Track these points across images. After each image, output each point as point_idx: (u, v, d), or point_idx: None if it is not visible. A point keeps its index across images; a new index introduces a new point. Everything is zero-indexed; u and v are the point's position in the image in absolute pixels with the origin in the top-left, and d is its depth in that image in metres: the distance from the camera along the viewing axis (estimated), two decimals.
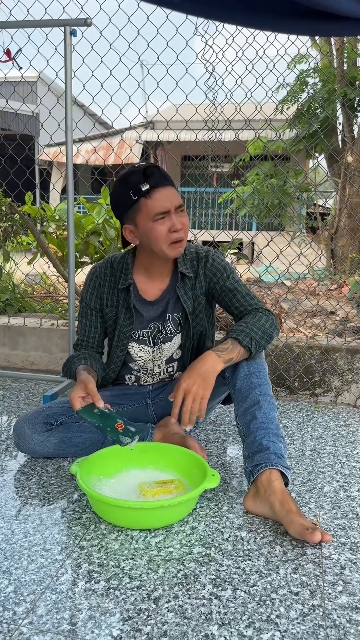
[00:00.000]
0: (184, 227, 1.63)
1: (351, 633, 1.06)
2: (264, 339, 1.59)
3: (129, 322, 1.77)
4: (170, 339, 1.80)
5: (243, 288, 1.74)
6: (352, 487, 1.66)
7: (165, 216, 1.60)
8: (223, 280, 1.74)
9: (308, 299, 3.64)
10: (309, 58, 5.72)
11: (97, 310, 1.81)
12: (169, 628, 1.06)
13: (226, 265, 1.77)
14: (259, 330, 1.59)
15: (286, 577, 1.22)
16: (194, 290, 1.76)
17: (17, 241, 3.70)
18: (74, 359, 1.78)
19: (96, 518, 1.45)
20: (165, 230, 1.61)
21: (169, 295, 1.77)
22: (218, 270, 1.75)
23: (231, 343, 1.56)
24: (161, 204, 1.58)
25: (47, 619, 1.08)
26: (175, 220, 1.60)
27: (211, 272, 1.75)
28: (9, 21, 2.38)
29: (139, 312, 1.78)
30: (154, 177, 1.58)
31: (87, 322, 1.83)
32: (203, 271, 1.75)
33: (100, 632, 1.05)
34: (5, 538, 1.36)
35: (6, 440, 1.98)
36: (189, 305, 1.75)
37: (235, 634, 1.05)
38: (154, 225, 1.60)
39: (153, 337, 1.80)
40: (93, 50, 2.53)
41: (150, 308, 1.78)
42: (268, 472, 1.45)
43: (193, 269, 1.76)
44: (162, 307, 1.78)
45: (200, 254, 1.77)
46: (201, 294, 1.77)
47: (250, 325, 1.60)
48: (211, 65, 2.45)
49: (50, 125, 2.72)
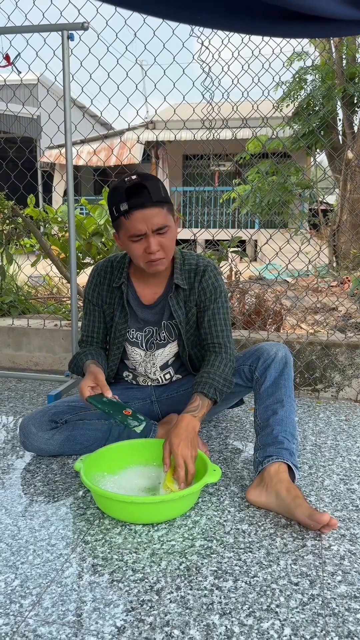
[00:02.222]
0: (162, 249, 1.61)
1: (350, 621, 1.09)
2: (225, 385, 1.69)
3: (123, 321, 1.81)
4: (164, 345, 1.82)
5: (221, 319, 1.77)
6: (352, 480, 1.69)
7: (141, 237, 1.59)
8: (209, 302, 1.76)
9: (308, 296, 3.65)
10: (305, 56, 5.73)
11: (99, 307, 1.85)
12: (171, 618, 1.09)
13: (218, 287, 1.77)
14: (220, 378, 1.68)
15: (286, 568, 1.25)
16: (187, 302, 1.77)
17: (20, 244, 3.74)
18: (80, 356, 1.82)
19: (100, 513, 1.48)
20: (140, 250, 1.61)
21: (164, 303, 1.79)
22: (209, 290, 1.76)
23: (199, 399, 1.63)
24: (136, 227, 1.56)
25: (53, 610, 1.11)
26: (151, 242, 1.58)
27: (203, 288, 1.76)
28: (7, 27, 2.41)
29: (135, 313, 1.81)
30: (137, 197, 1.54)
31: (90, 318, 1.87)
32: (198, 284, 1.76)
33: (105, 622, 1.08)
34: (12, 534, 1.39)
35: (12, 439, 2.01)
36: (180, 315, 1.77)
37: (236, 623, 1.08)
38: (131, 244, 1.61)
39: (147, 341, 1.82)
40: (91, 53, 2.56)
41: (145, 311, 1.80)
42: (277, 465, 1.50)
43: (189, 280, 1.77)
44: (158, 313, 1.80)
45: (199, 267, 1.77)
46: (194, 306, 1.78)
47: (212, 375, 1.67)
48: (207, 65, 2.47)
49: (51, 127, 2.75)
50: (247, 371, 1.76)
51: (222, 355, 1.74)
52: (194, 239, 2.99)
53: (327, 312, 3.41)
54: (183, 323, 1.78)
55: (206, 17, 1.05)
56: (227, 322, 1.78)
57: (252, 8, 0.99)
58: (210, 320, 1.76)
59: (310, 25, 1.06)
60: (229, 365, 1.73)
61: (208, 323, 1.76)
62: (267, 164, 6.59)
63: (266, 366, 1.70)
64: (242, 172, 8.05)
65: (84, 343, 1.89)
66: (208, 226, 10.19)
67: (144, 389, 1.93)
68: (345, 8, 0.94)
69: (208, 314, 1.76)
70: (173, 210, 1.65)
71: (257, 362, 1.73)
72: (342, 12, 0.94)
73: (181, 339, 1.80)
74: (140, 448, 1.69)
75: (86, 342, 1.88)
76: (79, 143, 9.19)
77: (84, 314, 1.89)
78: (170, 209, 1.62)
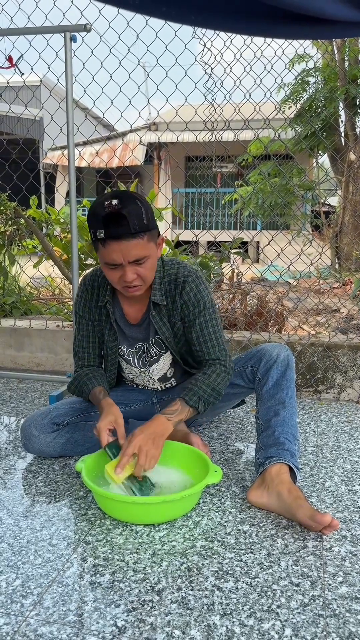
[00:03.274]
0: (138, 277, 1.54)
1: (350, 622, 1.09)
2: (213, 396, 1.65)
3: (113, 339, 1.77)
4: (156, 360, 1.80)
5: (210, 333, 1.70)
6: (353, 482, 1.68)
7: (117, 266, 1.52)
8: (194, 316, 1.68)
9: (310, 297, 3.65)
10: (307, 58, 5.73)
11: (90, 321, 1.79)
12: (172, 618, 1.09)
13: (201, 298, 1.67)
14: (208, 387, 1.64)
15: (287, 569, 1.25)
16: (170, 317, 1.71)
17: (23, 245, 3.74)
18: (83, 379, 1.77)
19: (101, 514, 1.48)
20: (116, 276, 1.54)
21: (148, 320, 1.73)
22: (191, 304, 1.67)
23: (180, 404, 1.60)
24: (111, 257, 1.49)
25: (54, 610, 1.12)
26: (127, 271, 1.51)
27: (185, 302, 1.67)
28: (10, 28, 2.41)
29: (122, 331, 1.77)
30: (114, 227, 1.44)
31: (83, 333, 1.81)
32: (179, 298, 1.67)
33: (106, 622, 1.08)
34: (13, 534, 1.39)
35: (14, 440, 2.02)
36: (165, 332, 1.72)
37: (236, 623, 1.08)
38: (107, 270, 1.55)
39: (139, 358, 1.80)
40: (93, 55, 2.57)
41: (132, 328, 1.77)
42: (279, 466, 1.50)
43: (170, 293, 1.68)
44: (144, 330, 1.76)
45: (179, 280, 1.67)
46: (179, 321, 1.71)
47: (200, 384, 1.64)
48: (210, 67, 2.48)
49: (53, 129, 2.76)
50: (249, 372, 1.76)
51: (215, 366, 1.70)
52: (196, 241, 2.99)
53: (329, 313, 3.41)
54: (170, 339, 1.73)
55: (208, 19, 1.05)
56: (217, 334, 1.71)
57: (254, 9, 0.99)
58: (199, 337, 1.69)
59: (312, 27, 1.06)
60: (222, 376, 1.68)
61: (197, 340, 1.70)
62: (269, 165, 6.60)
63: (268, 367, 1.69)
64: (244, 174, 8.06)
65: (80, 360, 1.83)
66: (210, 227, 10.21)
67: (145, 392, 1.93)
68: (347, 10, 0.94)
69: (195, 330, 1.69)
70: (156, 234, 1.56)
71: (259, 363, 1.72)
72: (345, 14, 0.94)
73: (172, 351, 1.77)
74: None
75: (82, 359, 1.83)
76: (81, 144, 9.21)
77: (75, 328, 1.83)
78: (152, 236, 1.53)
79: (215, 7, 0.99)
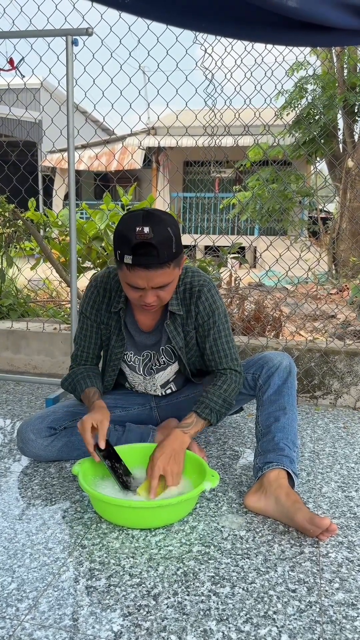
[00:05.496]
0: (158, 299, 1.55)
1: (347, 629, 1.08)
2: (224, 407, 1.66)
3: (120, 344, 1.77)
4: (164, 368, 1.80)
5: (223, 343, 1.72)
6: (350, 488, 1.68)
7: (138, 289, 1.52)
8: (208, 327, 1.70)
9: (307, 302, 3.66)
10: (307, 65, 5.77)
11: (96, 323, 1.79)
12: (168, 623, 1.08)
13: (216, 308, 1.70)
14: (220, 399, 1.65)
15: (284, 575, 1.24)
16: (185, 326, 1.72)
17: (20, 247, 3.74)
18: (77, 377, 1.77)
19: (97, 518, 1.48)
20: (136, 296, 1.55)
21: (161, 328, 1.74)
22: (206, 314, 1.69)
23: (195, 417, 1.63)
24: (135, 282, 1.49)
25: (49, 614, 1.11)
26: (148, 295, 1.52)
27: (200, 312, 1.69)
28: (12, 31, 2.42)
29: (132, 337, 1.77)
30: (144, 256, 1.44)
31: (86, 334, 1.81)
32: (194, 307, 1.69)
33: (101, 627, 1.07)
34: (9, 537, 1.39)
35: (9, 443, 2.01)
36: (179, 341, 1.73)
37: (233, 629, 1.07)
38: (127, 288, 1.55)
39: (144, 366, 1.79)
40: (95, 59, 2.58)
41: (143, 336, 1.77)
42: (277, 471, 1.50)
43: (185, 302, 1.70)
44: (156, 338, 1.76)
45: (194, 289, 1.68)
46: (192, 329, 1.73)
47: (211, 396, 1.65)
48: (210, 72, 2.49)
49: (53, 131, 2.76)
50: (251, 379, 1.76)
51: (227, 376, 1.71)
52: (194, 245, 3.00)
53: (326, 319, 3.41)
54: (183, 348, 1.74)
55: (210, 24, 1.06)
56: (229, 343, 1.73)
57: (256, 16, 1.00)
58: (212, 347, 1.71)
59: (313, 34, 1.07)
60: (232, 386, 1.69)
61: (210, 350, 1.72)
62: (268, 171, 6.62)
63: (270, 374, 1.70)
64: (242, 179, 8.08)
65: (78, 357, 1.83)
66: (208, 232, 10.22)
67: (144, 396, 1.92)
68: (350, 18, 0.95)
69: (209, 340, 1.71)
70: (181, 259, 1.56)
71: (260, 370, 1.73)
72: (346, 22, 0.95)
73: (182, 361, 1.78)
74: (138, 452, 1.69)
75: (80, 358, 1.83)
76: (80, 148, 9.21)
77: (79, 327, 1.82)
78: (177, 262, 1.53)
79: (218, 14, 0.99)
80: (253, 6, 1.00)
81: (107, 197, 3.68)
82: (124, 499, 1.48)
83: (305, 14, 0.92)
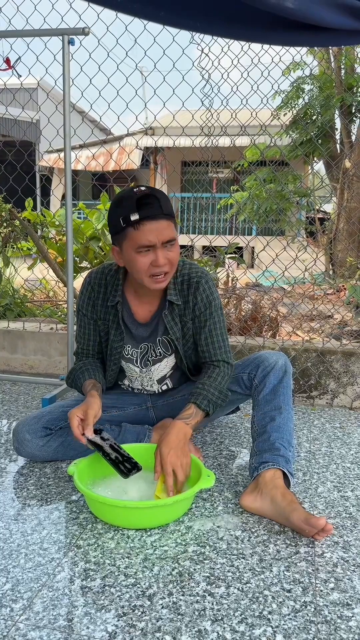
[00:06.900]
0: (169, 262, 1.58)
1: (342, 629, 1.08)
2: (220, 398, 1.68)
3: (119, 339, 1.77)
4: (160, 360, 1.80)
5: (218, 335, 1.74)
6: (346, 488, 1.68)
7: (149, 249, 1.54)
8: (205, 318, 1.72)
9: (304, 303, 3.66)
10: (303, 65, 5.77)
11: (93, 320, 1.80)
12: (163, 624, 1.08)
13: (213, 300, 1.73)
14: (216, 390, 1.67)
15: (279, 575, 1.24)
16: (182, 317, 1.73)
17: (17, 247, 3.74)
18: (77, 372, 1.79)
19: (93, 518, 1.48)
20: (146, 262, 1.56)
21: (158, 319, 1.75)
22: (203, 305, 1.72)
23: (194, 408, 1.63)
24: (146, 237, 1.52)
25: (44, 615, 1.11)
26: (159, 254, 1.55)
27: (197, 303, 1.72)
28: (8, 30, 2.42)
29: (130, 330, 1.78)
30: (148, 207, 1.51)
31: (85, 330, 1.82)
32: (192, 298, 1.71)
33: (96, 627, 1.07)
34: (4, 537, 1.38)
35: (5, 443, 2.00)
36: (176, 332, 1.74)
37: (227, 629, 1.07)
38: (137, 257, 1.56)
39: (142, 358, 1.80)
40: (91, 59, 2.57)
41: (140, 328, 1.77)
42: (273, 471, 1.50)
43: (183, 293, 1.72)
44: (153, 329, 1.77)
45: (192, 280, 1.71)
46: (190, 320, 1.74)
47: (208, 387, 1.66)
48: (207, 72, 2.49)
49: (50, 131, 2.76)
50: (246, 379, 1.76)
51: (219, 368, 1.72)
52: (192, 245, 3.00)
53: (323, 319, 3.42)
54: (180, 339, 1.75)
55: (207, 24, 1.06)
56: (224, 335, 1.76)
57: (252, 16, 1.00)
58: (207, 338, 1.73)
59: (310, 35, 1.07)
60: (227, 378, 1.71)
61: (205, 341, 1.73)
62: (265, 171, 6.62)
63: (265, 373, 1.70)
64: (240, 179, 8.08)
65: (80, 355, 1.86)
66: (205, 232, 10.22)
67: (140, 395, 1.92)
68: (346, 18, 0.95)
69: (205, 331, 1.73)
70: (176, 226, 1.64)
71: (256, 369, 1.73)
72: (342, 22, 0.95)
73: (179, 353, 1.78)
74: (134, 453, 1.68)
75: (81, 354, 1.85)
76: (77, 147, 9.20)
77: (77, 325, 1.85)
78: (176, 226, 1.60)
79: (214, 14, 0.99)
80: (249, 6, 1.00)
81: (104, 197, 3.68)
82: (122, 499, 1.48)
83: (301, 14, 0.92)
